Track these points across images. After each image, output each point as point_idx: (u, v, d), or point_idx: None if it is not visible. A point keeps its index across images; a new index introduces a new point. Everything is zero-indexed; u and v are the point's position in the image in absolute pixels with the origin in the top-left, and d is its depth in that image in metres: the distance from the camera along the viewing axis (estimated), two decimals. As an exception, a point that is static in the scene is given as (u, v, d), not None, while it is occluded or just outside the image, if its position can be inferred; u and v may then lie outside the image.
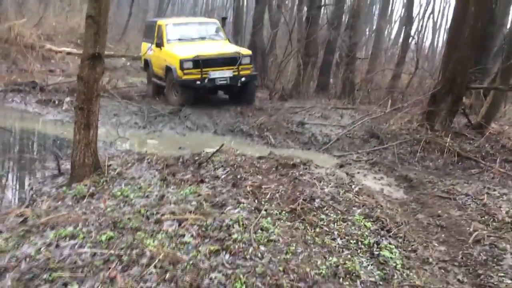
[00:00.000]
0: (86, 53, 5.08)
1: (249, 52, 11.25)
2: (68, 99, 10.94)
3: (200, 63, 10.32)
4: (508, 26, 13.61)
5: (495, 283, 3.46)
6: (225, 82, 10.55)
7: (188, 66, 10.30)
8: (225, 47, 11.38)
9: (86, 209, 4.59)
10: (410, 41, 17.18)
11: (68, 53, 16.83)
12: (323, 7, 15.08)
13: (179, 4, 42.15)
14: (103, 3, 4.96)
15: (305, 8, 14.98)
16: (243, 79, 10.65)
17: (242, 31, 19.30)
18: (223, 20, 13.24)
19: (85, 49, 5.11)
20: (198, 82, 10.32)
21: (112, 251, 3.65)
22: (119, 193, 4.99)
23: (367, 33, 27.02)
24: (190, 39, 11.60)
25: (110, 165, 5.94)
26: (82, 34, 19.85)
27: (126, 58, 18.80)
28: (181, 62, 10.28)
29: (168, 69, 10.87)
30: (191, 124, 9.93)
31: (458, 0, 9.79)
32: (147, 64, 12.59)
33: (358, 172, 6.23)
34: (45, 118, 9.95)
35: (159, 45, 11.37)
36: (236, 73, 10.55)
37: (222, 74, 10.49)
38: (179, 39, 11.50)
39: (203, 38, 11.80)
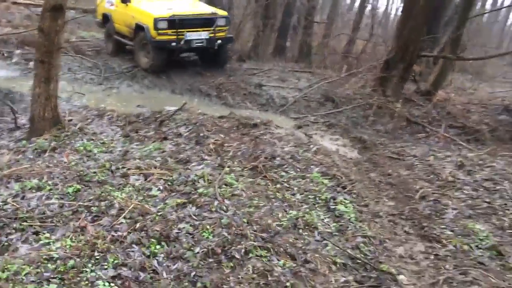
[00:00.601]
0: (47, 3, 4.95)
1: (225, 13, 10.72)
2: (18, 51, 10.51)
3: (176, 23, 9.65)
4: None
5: (437, 234, 3.83)
6: (201, 44, 9.95)
7: (163, 26, 9.60)
8: (200, 7, 10.82)
9: (49, 162, 4.60)
10: (365, 7, 17.45)
11: (13, 3, 15.95)
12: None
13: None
14: (65, -47, 4.82)
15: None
16: (219, 41, 10.12)
17: None
18: None
19: (46, 0, 4.97)
20: (174, 44, 9.64)
21: (80, 203, 3.74)
22: (81, 147, 5.01)
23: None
24: None
25: (70, 120, 5.90)
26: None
27: (75, 11, 18.01)
28: (156, 21, 9.55)
29: (138, 28, 10.09)
30: (149, 82, 9.82)
31: (415, -31, 10.04)
32: (106, 19, 11.71)
33: (316, 133, 6.50)
34: (-6, 71, 9.56)
35: (125, 1, 10.54)
36: (213, 35, 10.01)
37: (198, 36, 9.90)
38: None
39: None
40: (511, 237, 3.85)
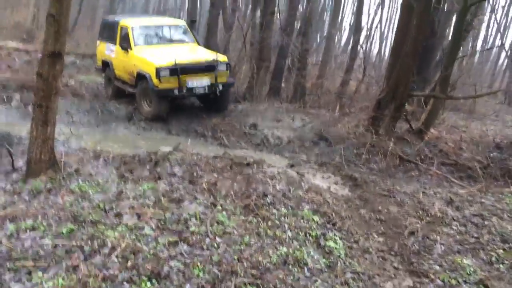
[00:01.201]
0: (46, 50, 5.16)
1: (226, 58, 10.70)
2: (17, 95, 10.72)
3: (178, 70, 9.60)
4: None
5: (426, 269, 3.88)
6: (203, 91, 9.96)
7: (165, 74, 9.58)
8: (201, 53, 10.79)
9: (44, 204, 4.69)
10: (358, 49, 17.93)
11: (14, 49, 16.37)
12: (276, 13, 15.48)
13: (129, 3, 41.53)
14: (64, 3, 5.07)
15: (259, 14, 15.35)
16: (220, 87, 10.12)
17: (196, 33, 19.41)
18: (192, 22, 12.81)
19: (46, 46, 5.18)
20: (176, 92, 9.63)
21: (73, 242, 3.81)
22: (77, 188, 5.10)
23: (318, 39, 27.79)
24: (158, 42, 11.04)
25: (66, 162, 6.01)
26: (28, 29, 19.42)
27: (75, 56, 18.45)
28: (158, 70, 9.52)
29: (140, 76, 10.11)
30: (145, 124, 10.00)
31: (402, 13, 10.44)
32: (106, 65, 11.86)
33: (308, 172, 6.60)
34: (-7, 114, 9.73)
35: (125, 48, 10.63)
36: (214, 81, 9.99)
37: (200, 83, 9.91)
38: (148, 43, 10.89)
39: (171, 41, 11.26)
40: (498, 272, 3.90)
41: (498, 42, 28.98)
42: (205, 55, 10.57)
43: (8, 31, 18.99)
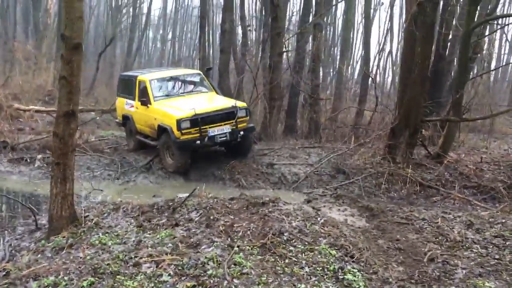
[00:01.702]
0: (60, 110, 5.41)
1: (245, 104, 10.81)
2: (39, 156, 11.06)
3: (199, 121, 9.66)
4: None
5: (448, 295, 3.82)
6: (225, 138, 9.89)
7: (186, 125, 9.60)
8: (219, 101, 10.80)
9: (66, 259, 4.80)
10: (369, 79, 18.09)
11: (37, 111, 16.92)
12: (284, 53, 15.82)
13: (145, 56, 42.96)
14: (75, 64, 5.34)
15: (268, 55, 15.72)
16: (241, 133, 10.08)
17: (212, 81, 19.92)
18: (208, 70, 12.91)
19: (60, 107, 5.44)
20: (198, 142, 9.65)
21: (94, 295, 3.88)
22: (97, 241, 5.21)
23: (331, 73, 28.10)
24: (177, 94, 11.11)
25: (87, 216, 6.16)
26: (49, 91, 20.18)
27: (95, 112, 19.01)
28: (178, 122, 9.53)
29: (161, 129, 10.12)
30: (164, 173, 10.18)
31: (406, 41, 10.60)
32: (126, 119, 11.94)
33: (324, 206, 6.62)
34: (18, 176, 10.06)
35: (145, 102, 10.63)
36: (235, 127, 9.98)
37: (221, 131, 9.87)
38: (167, 95, 10.94)
39: (190, 92, 11.30)
40: (523, 292, 3.82)
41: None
42: (224, 102, 10.60)
43: (30, 94, 19.72)
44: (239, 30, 21.93)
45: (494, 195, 9.11)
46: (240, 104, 10.47)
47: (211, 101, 10.78)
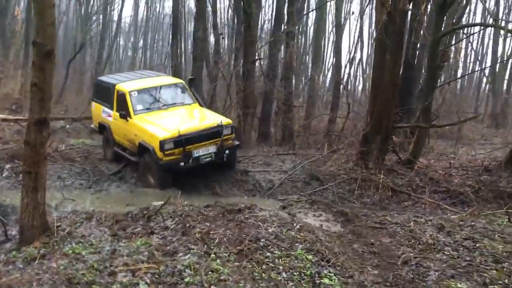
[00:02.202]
0: (32, 118, 5.30)
1: (230, 121, 10.13)
2: (8, 165, 10.77)
3: (183, 141, 9.09)
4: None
5: (421, 297, 3.91)
6: (210, 159, 9.37)
7: (170, 146, 9.03)
8: (204, 118, 10.17)
9: (39, 269, 4.69)
10: (340, 87, 18.37)
11: (3, 120, 16.46)
12: (257, 61, 15.93)
13: (116, 63, 42.46)
14: (47, 72, 5.25)
15: (241, 63, 15.79)
16: (227, 151, 9.59)
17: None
18: (191, 81, 11.83)
19: (31, 114, 5.33)
20: (182, 164, 9.10)
21: (68, 305, 3.80)
22: (70, 251, 5.11)
23: (303, 81, 28.39)
24: (158, 107, 10.32)
25: (59, 225, 6.03)
26: (16, 100, 19.70)
27: (65, 120, 18.63)
28: (162, 143, 8.96)
29: (142, 148, 9.52)
30: (137, 181, 10.06)
31: (377, 49, 10.81)
32: (104, 128, 11.30)
33: (299, 212, 6.67)
34: (-15, 186, 9.77)
35: (124, 116, 9.93)
36: (220, 146, 9.45)
37: (206, 151, 9.34)
38: (147, 108, 10.19)
39: (172, 105, 10.50)
40: (493, 292, 3.94)
41: (477, 68, 29.73)
42: (209, 119, 9.98)
43: (-4, 103, 19.23)
44: (211, 38, 21.96)
45: (463, 199, 9.35)
46: (226, 121, 9.85)
47: (195, 118, 10.25)
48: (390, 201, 9.38)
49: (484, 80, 29.97)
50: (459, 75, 22.93)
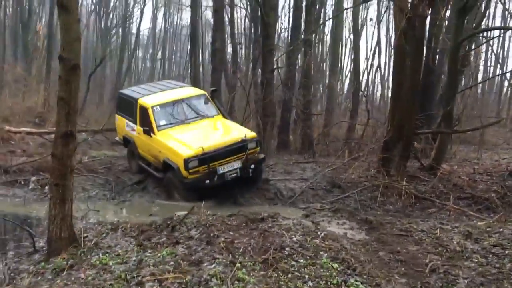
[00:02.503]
0: (59, 131, 5.41)
1: (254, 135, 9.85)
2: (33, 178, 10.98)
3: (207, 159, 8.94)
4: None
5: (451, 305, 3.86)
6: (235, 175, 9.19)
7: (194, 165, 8.87)
8: (228, 131, 9.95)
9: (68, 280, 4.77)
10: (359, 94, 18.30)
11: (28, 133, 16.79)
12: (276, 70, 15.99)
13: (135, 76, 43.01)
14: (73, 86, 5.37)
15: (259, 72, 15.87)
16: (252, 166, 9.32)
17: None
18: (213, 92, 11.54)
19: (58, 128, 5.45)
20: (207, 181, 8.95)
21: (98, 315, 3.85)
22: (97, 262, 5.18)
23: (321, 89, 28.37)
24: (182, 121, 10.11)
25: (86, 236, 6.13)
26: (39, 113, 20.09)
27: (87, 133, 18.91)
28: (186, 162, 8.81)
29: (166, 165, 9.42)
30: (159, 191, 10.16)
31: (397, 56, 10.76)
32: (128, 142, 11.24)
33: (323, 220, 6.65)
34: (12, 198, 9.96)
35: (148, 132, 9.81)
36: (245, 161, 9.23)
37: (231, 167, 9.16)
38: (170, 123, 10.00)
39: (195, 118, 10.27)
40: (525, 299, 3.87)
41: (499, 71, 29.30)
42: (233, 133, 9.74)
43: (21, 117, 19.62)
44: (229, 48, 22.11)
45: (488, 205, 9.21)
46: (250, 135, 9.61)
47: (219, 132, 10.02)
48: (413, 208, 9.28)
49: (506, 83, 29.50)
50: (480, 79, 22.64)
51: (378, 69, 30.62)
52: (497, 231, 5.51)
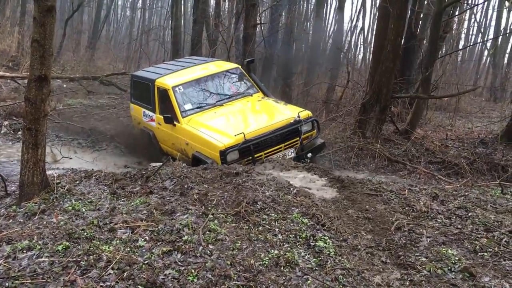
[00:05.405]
0: (32, 75, 5.28)
1: (310, 113, 8.10)
2: (6, 122, 10.82)
3: (251, 148, 7.21)
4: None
5: (413, 261, 4.02)
6: None
7: (234, 157, 7.17)
8: (274, 111, 8.05)
9: (39, 224, 4.77)
10: (340, 55, 18.23)
11: (1, 77, 16.38)
12: (258, 25, 15.74)
13: (114, 24, 41.80)
14: (48, 28, 5.20)
15: (242, 27, 15.60)
16: (309, 155, 7.65)
17: (181, 50, 19.68)
18: (249, 64, 9.49)
19: (31, 71, 5.31)
20: None
21: (69, 259, 3.90)
22: (70, 208, 5.19)
23: (303, 48, 28.13)
24: (213, 104, 8.32)
25: (59, 183, 6.10)
26: (13, 57, 19.49)
27: (62, 80, 18.53)
28: (223, 154, 7.11)
29: (197, 161, 7.52)
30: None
31: (380, 18, 10.74)
32: (146, 135, 9.37)
33: (296, 177, 6.75)
34: (-17, 142, 9.82)
35: (170, 120, 7.97)
36: (300, 149, 7.57)
37: (283, 156, 7.47)
38: (198, 107, 8.24)
39: (229, 98, 8.48)
40: (482, 259, 4.05)
41: (480, 40, 29.46)
42: (281, 114, 7.90)
43: (-7, 60, 19.03)
44: (212, 0, 21.61)
45: (457, 171, 9.50)
46: (304, 114, 7.88)
47: (262, 113, 8.20)
48: (385, 170, 9.51)
49: (486, 53, 29.77)
50: (460, 47, 22.75)
51: (362, 31, 30.39)
52: (462, 195, 5.70)
